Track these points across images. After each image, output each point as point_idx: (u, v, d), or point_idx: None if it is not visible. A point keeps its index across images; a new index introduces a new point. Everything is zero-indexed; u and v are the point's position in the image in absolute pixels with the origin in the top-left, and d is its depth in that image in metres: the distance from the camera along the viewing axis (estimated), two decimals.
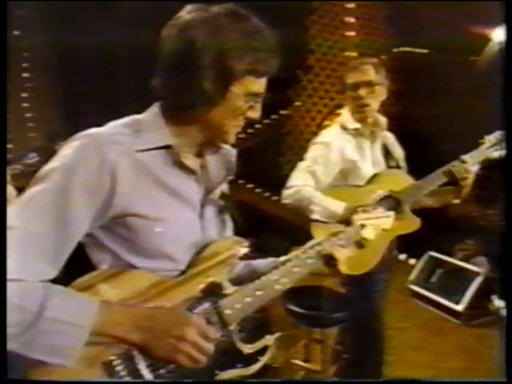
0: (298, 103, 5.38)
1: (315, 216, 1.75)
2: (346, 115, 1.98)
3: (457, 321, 3.39)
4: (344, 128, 1.95)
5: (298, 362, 2.41)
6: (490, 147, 1.89)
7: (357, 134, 1.94)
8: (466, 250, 4.06)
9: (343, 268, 1.04)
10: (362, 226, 1.11)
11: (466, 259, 3.91)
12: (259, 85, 0.93)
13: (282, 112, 5.44)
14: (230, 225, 1.06)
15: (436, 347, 2.89)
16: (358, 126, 1.94)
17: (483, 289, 3.45)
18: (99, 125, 0.94)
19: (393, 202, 1.82)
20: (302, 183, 1.84)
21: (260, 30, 0.91)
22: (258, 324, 0.97)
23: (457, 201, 1.94)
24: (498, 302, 3.40)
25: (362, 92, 1.87)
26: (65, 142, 0.91)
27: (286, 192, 1.86)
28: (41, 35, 5.25)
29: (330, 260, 1.04)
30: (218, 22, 0.88)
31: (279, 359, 2.42)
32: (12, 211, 0.82)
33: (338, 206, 1.72)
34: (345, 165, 1.90)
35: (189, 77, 0.88)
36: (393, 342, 2.10)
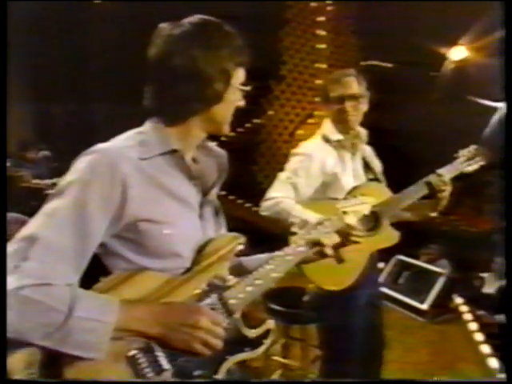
0: (270, 112, 5.47)
1: (295, 228, 1.77)
2: (328, 126, 1.95)
3: (422, 319, 3.62)
4: (326, 139, 1.93)
5: (277, 358, 2.50)
6: (465, 162, 1.92)
7: (338, 145, 1.93)
8: (430, 254, 4.32)
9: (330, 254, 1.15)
10: (345, 213, 1.21)
11: (430, 262, 4.17)
12: (243, 73, 1.07)
13: (255, 121, 5.54)
14: (224, 224, 1.17)
15: (404, 344, 3.07)
16: (340, 137, 1.92)
17: (445, 288, 3.72)
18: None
19: (371, 216, 1.78)
20: (282, 195, 1.81)
21: (229, 29, 1.06)
22: (232, 338, 1.03)
23: (434, 214, 1.93)
24: (458, 300, 3.67)
25: (348, 105, 1.86)
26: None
27: (265, 204, 1.82)
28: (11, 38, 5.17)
29: (318, 246, 1.16)
30: (202, 35, 1.02)
31: (258, 359, 2.53)
32: (36, 222, 0.92)
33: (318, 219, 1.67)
34: (326, 178, 1.87)
35: (199, 85, 1.01)
36: None
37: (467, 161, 1.93)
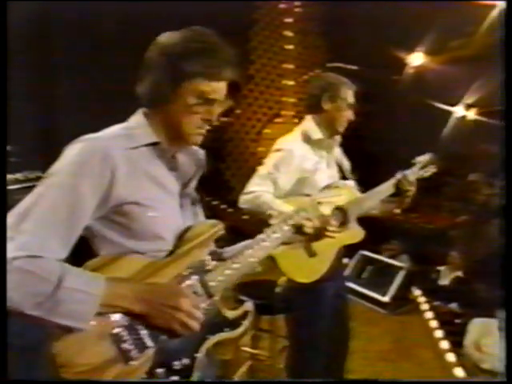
0: (238, 111, 5.52)
1: (272, 220, 1.76)
2: (310, 125, 1.99)
3: (383, 310, 3.79)
4: (306, 137, 1.97)
5: (246, 348, 2.57)
6: (422, 168, 2.08)
7: (317, 144, 1.98)
8: (392, 250, 4.51)
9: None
10: (319, 203, 1.32)
11: (392, 257, 4.36)
12: (211, 88, 1.06)
13: (223, 119, 5.55)
14: (201, 214, 1.24)
15: (367, 334, 3.21)
16: (321, 136, 1.98)
17: (405, 281, 3.91)
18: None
19: (341, 214, 1.89)
20: (262, 189, 1.85)
21: (218, 43, 1.09)
22: (212, 319, 1.09)
23: (398, 211, 2.10)
24: (416, 292, 3.87)
25: (348, 112, 1.96)
26: None
27: (244, 197, 1.86)
28: None
29: (293, 234, 1.26)
30: (182, 35, 1.08)
31: (228, 352, 2.55)
32: (30, 199, 0.97)
33: None
34: (303, 174, 1.92)
35: (151, 77, 1.07)
36: None
37: (423, 167, 2.10)
